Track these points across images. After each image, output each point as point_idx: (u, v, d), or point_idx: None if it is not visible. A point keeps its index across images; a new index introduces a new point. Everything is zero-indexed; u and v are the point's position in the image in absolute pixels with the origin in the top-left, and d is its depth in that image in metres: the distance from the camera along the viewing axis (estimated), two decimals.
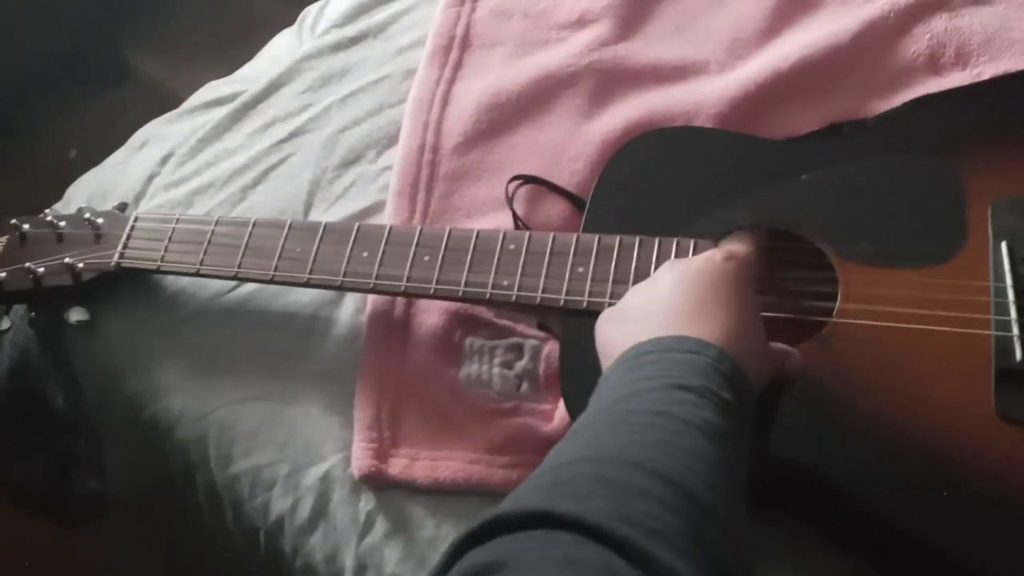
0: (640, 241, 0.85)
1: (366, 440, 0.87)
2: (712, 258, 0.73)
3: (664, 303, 0.70)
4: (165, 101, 2.13)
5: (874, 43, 1.04)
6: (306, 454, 0.88)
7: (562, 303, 0.84)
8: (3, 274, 0.94)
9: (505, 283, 0.86)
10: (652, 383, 0.60)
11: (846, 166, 0.88)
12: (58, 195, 1.13)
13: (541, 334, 0.92)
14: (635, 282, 0.82)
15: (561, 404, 0.88)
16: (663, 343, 0.65)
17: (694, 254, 0.83)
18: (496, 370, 0.90)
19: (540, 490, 0.51)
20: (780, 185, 0.88)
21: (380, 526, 0.84)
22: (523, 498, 0.50)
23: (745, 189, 0.88)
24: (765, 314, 0.75)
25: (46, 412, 1.09)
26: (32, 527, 1.40)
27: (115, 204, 1.01)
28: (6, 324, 0.97)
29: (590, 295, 0.83)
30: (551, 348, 0.91)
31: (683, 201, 0.89)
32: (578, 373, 0.82)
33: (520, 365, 0.90)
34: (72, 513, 1.25)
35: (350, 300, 0.95)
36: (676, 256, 0.83)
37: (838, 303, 0.79)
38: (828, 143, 0.96)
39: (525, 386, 0.90)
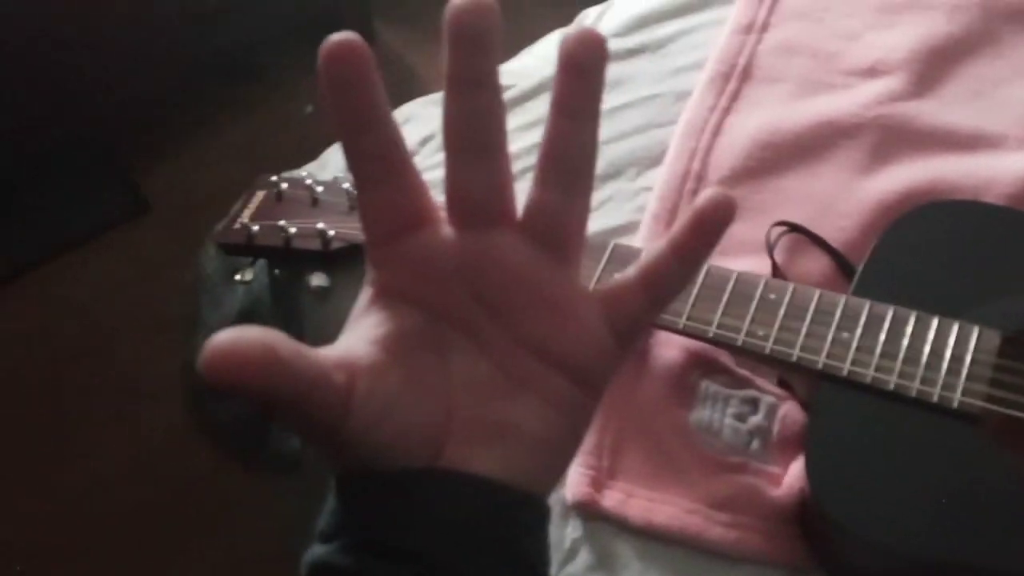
0: (916, 317, 0.79)
1: (585, 466, 0.83)
2: None
3: None
4: (401, 74, 2.18)
5: None
6: None
7: (820, 366, 0.79)
8: (257, 227, 0.95)
9: (760, 333, 0.81)
10: None
11: None
12: (293, 145, 1.13)
13: (780, 391, 0.87)
14: (905, 360, 0.77)
15: (791, 470, 0.83)
16: None
17: (976, 344, 0.77)
18: (728, 420, 0.86)
19: None
20: None
21: (584, 557, 0.81)
22: None
23: None
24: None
25: None
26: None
27: None
28: (249, 275, 0.98)
29: (852, 363, 0.78)
30: (788, 408, 0.86)
31: (966, 283, 0.83)
32: (828, 444, 0.76)
33: (754, 420, 0.86)
34: (264, 463, 1.27)
35: None
36: (955, 343, 0.77)
37: None
38: None
39: (756, 444, 0.85)
